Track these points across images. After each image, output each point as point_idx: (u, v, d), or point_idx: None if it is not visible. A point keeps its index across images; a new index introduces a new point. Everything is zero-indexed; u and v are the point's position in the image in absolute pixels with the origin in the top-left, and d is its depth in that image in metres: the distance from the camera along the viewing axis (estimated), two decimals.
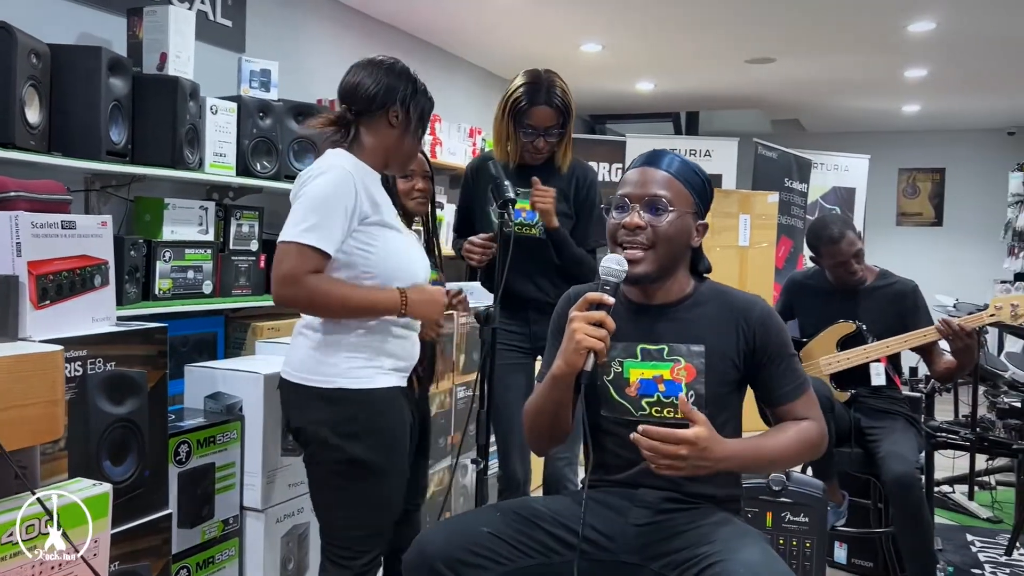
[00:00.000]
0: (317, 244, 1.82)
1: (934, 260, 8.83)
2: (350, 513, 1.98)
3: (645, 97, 7.49)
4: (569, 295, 1.79)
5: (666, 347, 1.64)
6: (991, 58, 5.69)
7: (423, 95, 2.04)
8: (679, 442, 1.46)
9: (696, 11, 4.83)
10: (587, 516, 1.59)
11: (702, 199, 1.67)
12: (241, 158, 3.33)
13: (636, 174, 1.65)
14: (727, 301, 1.67)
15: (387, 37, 5.12)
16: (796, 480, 2.62)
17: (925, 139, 9.08)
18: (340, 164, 1.91)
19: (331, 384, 1.92)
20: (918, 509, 2.71)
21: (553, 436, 1.69)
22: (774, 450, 1.60)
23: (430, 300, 2.02)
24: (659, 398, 1.63)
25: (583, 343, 1.49)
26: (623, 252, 1.60)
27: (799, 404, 1.65)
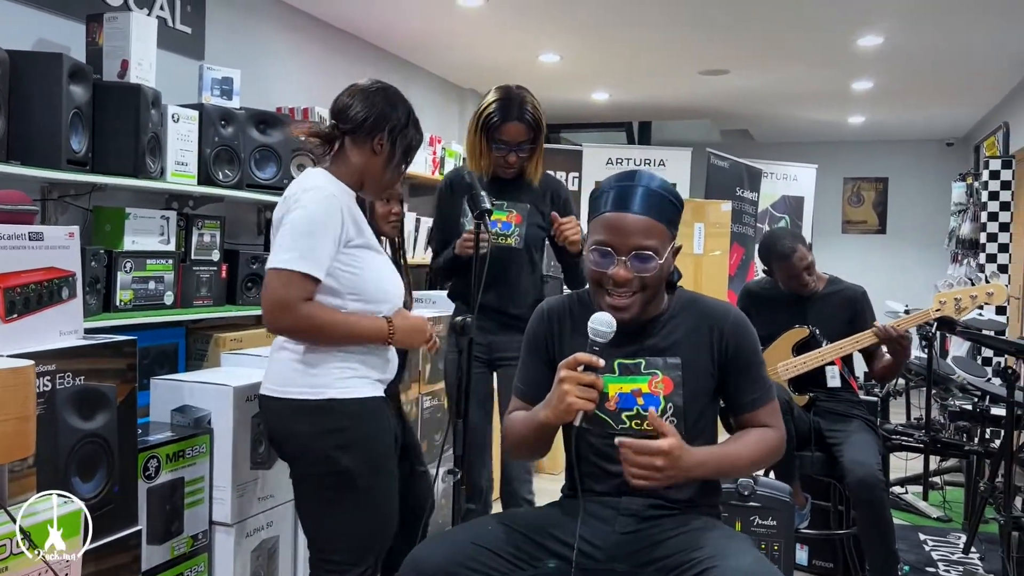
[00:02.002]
0: (309, 271, 1.83)
1: (878, 266, 9.07)
2: (342, 524, 1.98)
3: (600, 107, 7.57)
4: (543, 311, 1.78)
5: (643, 361, 1.67)
6: (932, 72, 5.89)
7: (413, 128, 2.07)
8: (654, 453, 1.48)
9: (652, 24, 4.91)
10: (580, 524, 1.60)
11: (676, 224, 1.66)
12: (203, 167, 3.28)
13: (615, 221, 1.59)
14: (701, 311, 1.70)
15: (347, 45, 5.09)
16: (764, 484, 2.67)
17: (869, 149, 9.35)
18: (325, 187, 1.92)
19: (320, 395, 1.91)
20: (881, 510, 2.78)
21: (535, 455, 1.73)
22: (740, 457, 1.64)
23: (414, 328, 2.05)
24: (638, 411, 1.66)
25: (574, 406, 1.50)
26: (609, 299, 1.60)
27: (763, 412, 1.69)
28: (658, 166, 7.36)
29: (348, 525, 1.97)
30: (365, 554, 2.01)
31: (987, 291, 2.89)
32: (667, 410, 1.65)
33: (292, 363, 1.93)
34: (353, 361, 1.96)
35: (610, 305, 1.60)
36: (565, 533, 1.59)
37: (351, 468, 1.91)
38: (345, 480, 1.93)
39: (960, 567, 3.56)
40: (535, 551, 1.59)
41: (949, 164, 8.71)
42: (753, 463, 1.68)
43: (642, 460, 1.49)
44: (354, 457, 1.91)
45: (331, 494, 1.94)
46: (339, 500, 1.95)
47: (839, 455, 2.94)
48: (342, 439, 1.91)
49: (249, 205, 3.69)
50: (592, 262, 1.61)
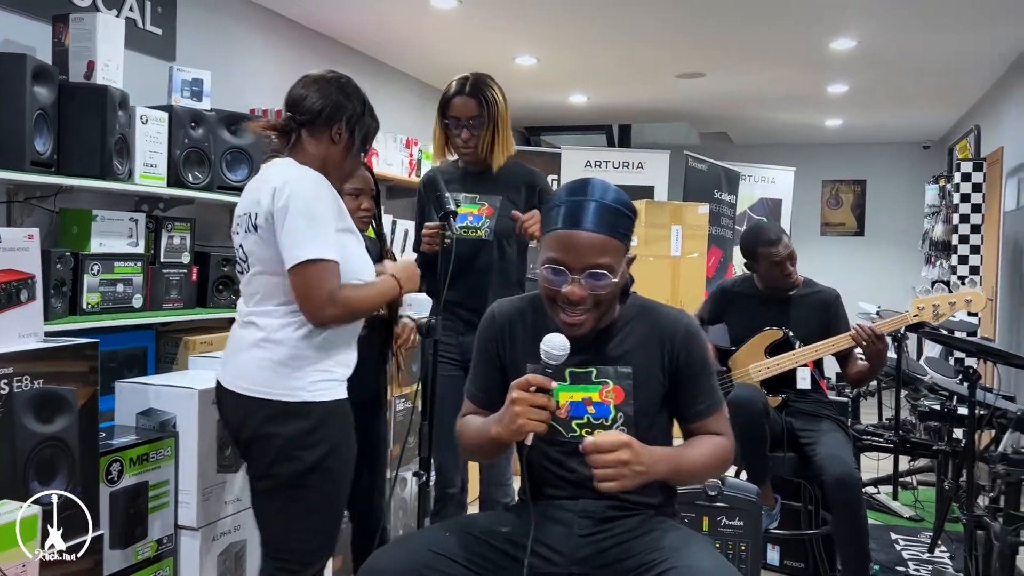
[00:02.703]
0: (333, 256, 1.86)
1: (856, 268, 9.14)
2: (306, 523, 1.97)
3: (579, 109, 7.59)
4: (493, 315, 1.77)
5: (594, 370, 1.66)
6: (907, 75, 5.94)
7: (370, 117, 2.08)
8: (618, 447, 1.48)
9: (628, 27, 4.93)
10: (533, 531, 1.60)
11: (629, 236, 1.63)
12: (172, 169, 3.25)
13: (567, 239, 1.55)
14: (653, 319, 1.69)
15: (321, 47, 5.08)
16: (731, 485, 2.68)
17: (847, 152, 9.42)
18: (315, 176, 1.92)
19: (297, 398, 1.91)
20: (857, 509, 2.80)
21: (490, 461, 1.73)
22: (695, 460, 1.63)
23: (411, 272, 2.15)
24: (589, 420, 1.65)
25: (526, 428, 1.49)
26: (564, 316, 1.58)
27: (712, 421, 1.68)
28: (636, 169, 7.39)
29: (311, 525, 1.97)
30: (324, 553, 2.01)
31: (966, 298, 2.90)
32: (617, 419, 1.64)
33: (271, 363, 1.92)
34: (330, 363, 1.96)
35: (564, 322, 1.58)
36: (519, 535, 1.59)
37: (319, 469, 1.92)
38: (310, 479, 1.92)
39: (930, 566, 3.59)
40: (493, 557, 1.58)
41: (926, 166, 8.79)
42: (708, 470, 1.67)
43: (609, 458, 1.47)
44: (322, 458, 1.92)
45: (297, 492, 1.94)
46: (304, 500, 1.94)
47: (813, 455, 2.95)
48: (310, 440, 1.91)
49: (220, 207, 3.67)
50: (545, 280, 1.59)
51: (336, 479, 1.98)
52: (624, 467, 1.48)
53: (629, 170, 7.40)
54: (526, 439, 1.51)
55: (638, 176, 7.39)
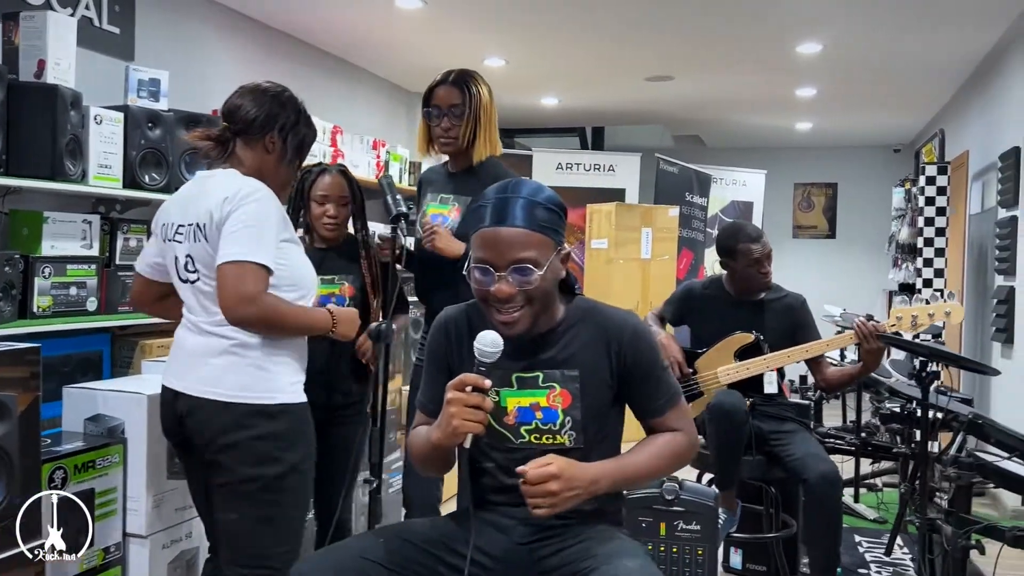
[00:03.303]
0: (268, 263, 1.86)
1: (828, 270, 9.21)
2: (281, 528, 1.97)
3: (551, 111, 7.59)
4: (440, 322, 1.74)
5: (541, 374, 1.64)
6: (875, 79, 5.99)
7: (305, 126, 2.08)
8: (545, 479, 1.47)
9: (596, 30, 4.93)
10: (476, 538, 1.58)
11: (560, 231, 1.62)
12: (128, 170, 3.20)
13: (491, 236, 1.54)
14: (598, 321, 1.67)
15: (286, 47, 5.04)
16: (689, 489, 2.67)
17: (818, 155, 9.49)
18: (260, 186, 1.94)
19: (273, 400, 1.93)
20: (837, 507, 2.82)
21: (440, 473, 1.71)
22: (641, 465, 1.62)
23: (350, 319, 2.13)
24: (537, 425, 1.63)
25: (461, 428, 1.47)
26: (498, 315, 1.57)
27: (670, 416, 1.67)
28: (607, 171, 7.40)
29: (285, 529, 1.98)
30: (292, 558, 1.98)
31: (945, 310, 2.91)
32: (565, 423, 1.62)
33: (246, 367, 1.91)
34: (295, 365, 2.00)
35: (499, 321, 1.57)
36: (458, 543, 1.56)
37: (289, 472, 1.93)
38: (290, 482, 1.93)
39: (891, 568, 3.60)
40: (429, 564, 1.56)
41: (896, 170, 8.87)
42: (659, 470, 1.65)
43: (537, 490, 1.47)
44: (293, 460, 1.93)
45: (269, 497, 1.92)
46: (274, 504, 1.93)
47: (788, 456, 2.94)
48: (286, 442, 1.92)
49: None
50: (474, 280, 1.57)
51: (309, 481, 2.02)
52: (554, 497, 1.48)
53: (600, 172, 7.41)
54: (464, 441, 1.49)
55: (609, 179, 7.40)
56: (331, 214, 2.57)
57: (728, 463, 2.98)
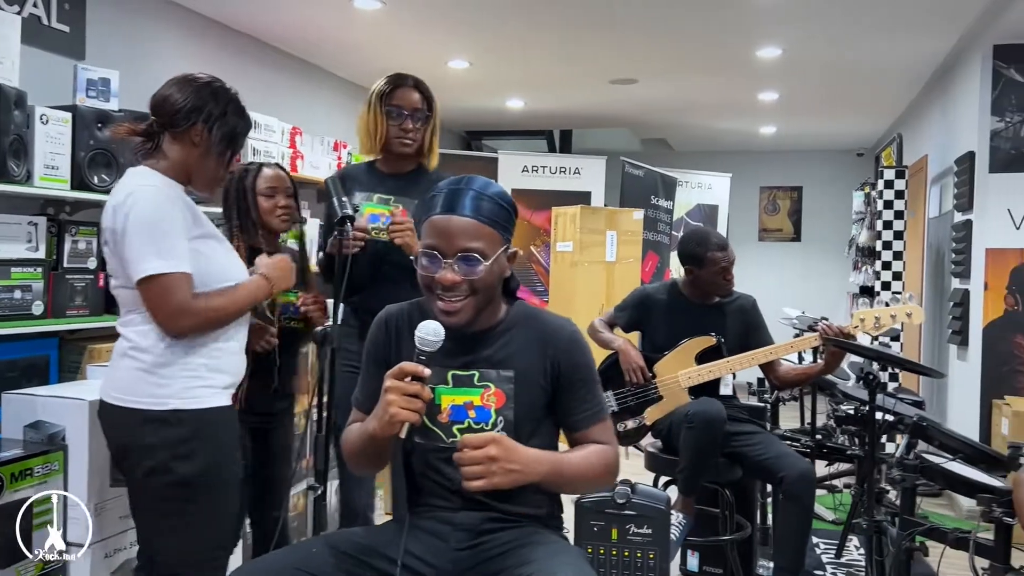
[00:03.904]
0: (180, 268, 1.82)
1: (793, 273, 9.30)
2: (186, 537, 1.91)
3: (517, 114, 7.58)
4: (381, 319, 1.73)
5: (476, 373, 1.63)
6: (835, 84, 6.05)
7: (235, 117, 2.00)
8: (486, 443, 1.45)
9: (559, 33, 4.93)
10: (408, 543, 1.56)
11: (509, 229, 1.63)
12: (77, 171, 3.14)
13: (442, 223, 1.56)
14: (537, 325, 1.67)
15: (245, 47, 4.98)
16: (641, 493, 2.67)
17: (783, 159, 9.57)
18: (151, 183, 1.87)
19: (165, 406, 1.86)
20: (812, 504, 2.84)
21: (374, 469, 1.69)
22: (580, 466, 1.60)
23: (283, 267, 2.10)
24: (469, 424, 1.62)
25: (397, 417, 1.45)
26: (440, 304, 1.57)
27: (596, 430, 1.66)
28: (573, 174, 7.41)
29: (189, 538, 1.91)
30: (206, 567, 1.94)
31: (906, 312, 2.94)
32: (498, 424, 1.61)
33: (137, 372, 1.87)
34: (200, 369, 1.92)
35: (441, 310, 1.56)
36: (393, 551, 1.54)
37: (192, 478, 1.86)
38: (187, 491, 1.87)
39: (846, 569, 3.63)
40: (361, 572, 1.53)
41: (860, 174, 8.97)
42: (595, 476, 1.64)
43: (477, 454, 1.45)
44: (195, 468, 1.86)
45: (173, 505, 1.88)
46: (180, 512, 1.88)
47: (760, 456, 2.95)
48: (184, 450, 1.85)
49: None
50: (421, 266, 1.58)
51: (224, 490, 1.93)
52: (492, 463, 1.45)
53: (566, 175, 7.42)
54: (400, 431, 1.47)
55: (575, 181, 7.41)
56: (283, 204, 2.53)
57: (701, 469, 2.98)
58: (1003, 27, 4.32)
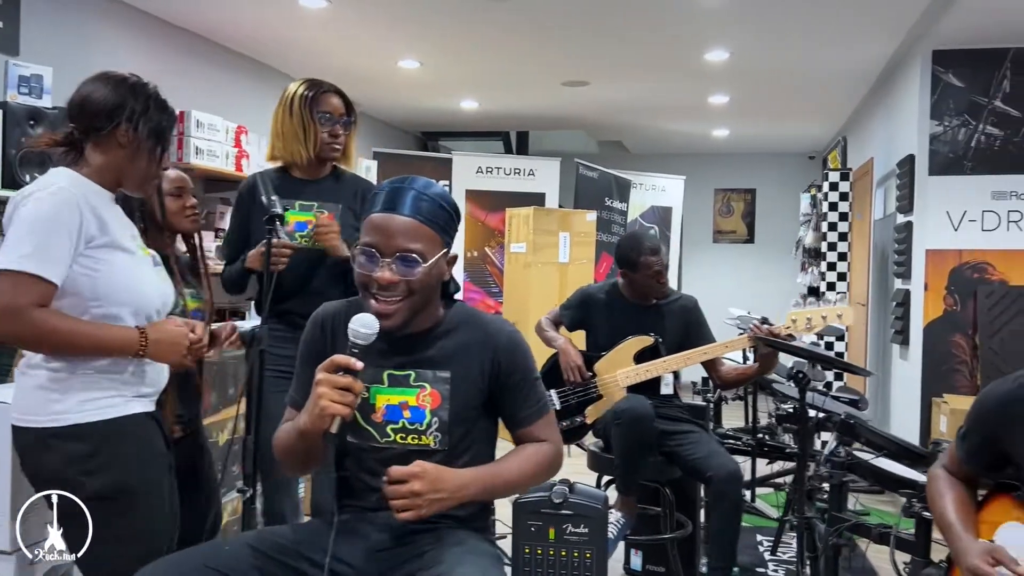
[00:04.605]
0: (38, 272, 1.67)
1: (747, 274, 9.40)
2: (105, 552, 1.83)
3: (472, 115, 7.57)
4: (316, 318, 1.72)
5: (412, 373, 1.62)
6: (783, 88, 6.13)
7: (158, 111, 1.91)
8: (409, 478, 1.45)
9: (510, 33, 4.93)
10: (334, 545, 1.54)
11: (450, 232, 1.63)
12: (8, 169, 3.07)
13: (381, 221, 1.55)
14: (475, 326, 1.67)
15: (188, 44, 4.91)
16: (578, 492, 2.67)
17: (737, 161, 9.68)
18: (59, 183, 1.77)
19: (64, 422, 1.77)
20: (740, 503, 2.87)
21: (306, 468, 1.67)
22: (514, 473, 1.62)
23: (171, 342, 1.87)
24: (404, 424, 1.61)
25: (328, 410, 1.44)
26: (376, 304, 1.55)
27: (538, 427, 1.68)
28: (528, 175, 7.42)
29: (111, 552, 1.84)
30: None
31: (837, 312, 2.98)
32: (432, 424, 1.61)
33: (34, 389, 1.79)
34: (104, 382, 1.82)
35: (376, 311, 1.55)
36: (315, 551, 1.53)
37: (105, 491, 1.79)
38: (102, 504, 1.80)
39: (787, 566, 3.67)
40: (280, 572, 1.51)
41: (811, 176, 9.11)
42: (530, 479, 1.66)
43: (402, 489, 1.46)
44: (107, 480, 1.79)
45: (86, 521, 1.81)
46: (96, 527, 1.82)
47: (690, 455, 2.98)
48: (92, 464, 1.78)
49: None
50: (358, 264, 1.57)
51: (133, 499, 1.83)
52: (417, 497, 1.46)
53: (520, 177, 7.43)
54: (331, 426, 1.45)
55: (529, 183, 7.42)
56: (191, 204, 2.45)
57: (633, 468, 3.00)
58: (941, 33, 4.41)
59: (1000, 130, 4.54)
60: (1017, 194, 4.54)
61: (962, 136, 4.59)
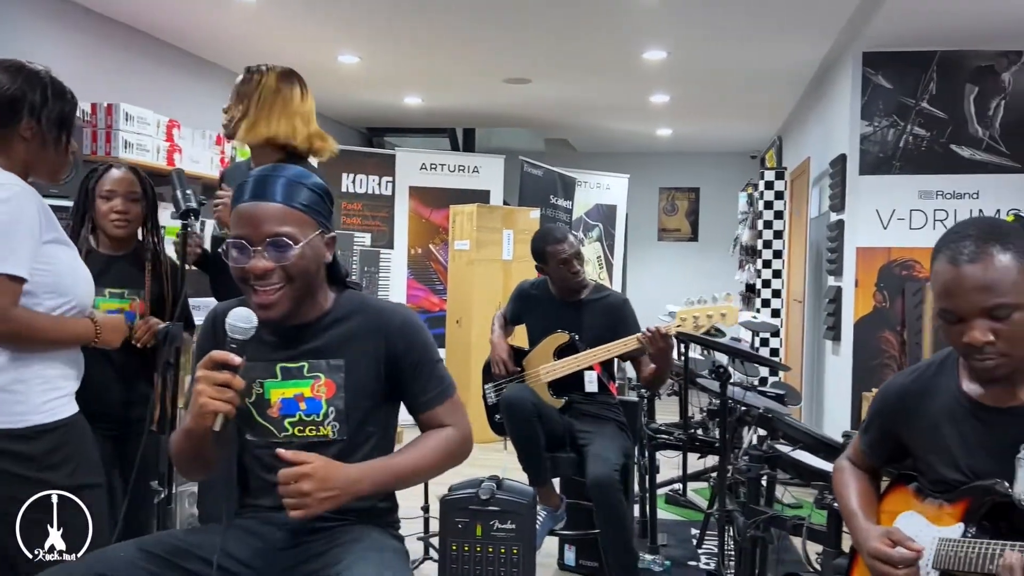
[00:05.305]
0: (15, 271, 1.69)
1: (691, 272, 9.51)
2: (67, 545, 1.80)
3: (416, 111, 7.54)
4: (211, 316, 1.68)
5: (306, 364, 1.59)
6: (723, 88, 6.21)
7: (58, 99, 1.87)
8: (298, 478, 1.43)
9: (450, 30, 4.91)
10: (231, 545, 1.51)
11: (324, 213, 1.59)
12: None
13: (249, 211, 1.51)
14: (370, 312, 1.65)
15: (119, 36, 4.80)
16: (506, 488, 2.68)
17: (681, 160, 9.79)
18: (14, 182, 1.75)
19: (25, 423, 1.75)
20: (616, 508, 2.86)
21: (200, 470, 1.62)
22: (411, 463, 1.59)
23: (115, 326, 2.00)
24: (300, 417, 1.59)
25: (207, 407, 1.41)
26: (256, 297, 1.52)
27: (442, 411, 1.65)
28: (472, 173, 7.41)
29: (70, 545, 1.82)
30: None
31: (721, 311, 3.04)
32: (329, 414, 1.59)
33: None
34: (56, 380, 1.82)
35: (258, 304, 1.52)
36: (208, 552, 1.49)
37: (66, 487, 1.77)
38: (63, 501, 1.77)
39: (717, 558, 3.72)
40: (172, 574, 1.47)
41: (753, 175, 9.26)
42: (432, 467, 1.63)
43: (290, 489, 1.43)
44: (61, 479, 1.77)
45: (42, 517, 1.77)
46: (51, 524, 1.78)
47: (584, 455, 3.01)
48: (53, 460, 1.76)
49: None
50: (231, 259, 1.53)
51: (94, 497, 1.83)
52: (306, 497, 1.43)
53: (465, 174, 7.41)
54: (214, 423, 1.42)
55: (474, 180, 7.41)
56: (119, 209, 2.41)
57: (530, 458, 3.03)
58: (871, 35, 4.51)
59: (927, 131, 4.66)
60: (943, 194, 4.67)
61: (891, 136, 4.70)
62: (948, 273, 1.43)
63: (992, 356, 1.42)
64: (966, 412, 1.53)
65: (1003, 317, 1.40)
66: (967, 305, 1.41)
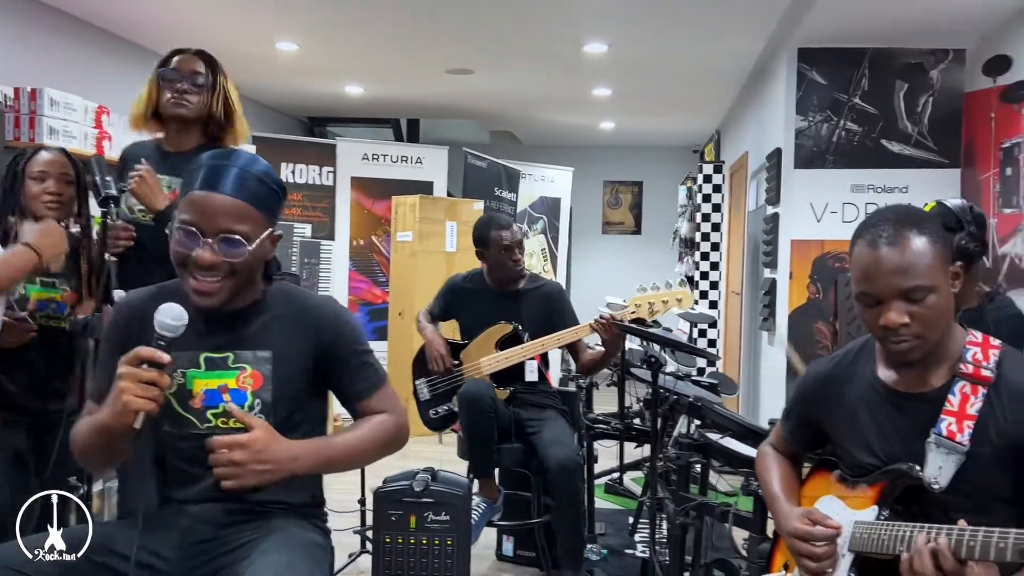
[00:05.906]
0: None
1: (634, 265, 9.59)
2: None
3: (358, 101, 7.45)
4: (120, 305, 1.65)
5: (231, 355, 1.57)
6: (662, 81, 6.27)
7: None
8: (231, 447, 1.41)
9: (391, 18, 4.86)
10: (147, 539, 1.47)
11: (275, 212, 1.58)
12: None
13: (203, 200, 1.48)
14: (297, 304, 1.63)
15: (51, 20, 4.64)
16: (441, 480, 2.67)
17: (625, 154, 9.87)
18: None
19: None
20: (578, 493, 2.89)
21: (108, 465, 1.59)
22: (349, 446, 1.58)
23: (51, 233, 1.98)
24: (224, 409, 1.56)
25: (131, 405, 1.37)
26: (194, 283, 1.49)
27: (375, 400, 1.64)
28: (415, 164, 7.36)
29: None
30: None
31: (676, 296, 3.06)
32: (255, 406, 1.56)
33: None
34: None
35: (195, 289, 1.49)
36: (124, 546, 1.45)
37: None
38: None
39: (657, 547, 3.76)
40: (87, 569, 1.44)
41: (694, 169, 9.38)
42: (369, 451, 1.62)
43: (222, 458, 1.42)
44: None
45: None
46: None
47: (538, 442, 3.02)
48: None
49: None
50: (176, 241, 1.49)
51: None
52: (238, 468, 1.41)
53: (408, 165, 7.36)
54: (135, 421, 1.38)
55: (417, 171, 7.36)
56: (52, 190, 2.36)
57: (481, 452, 3.02)
58: (805, 31, 4.59)
59: (859, 126, 4.76)
60: (874, 187, 4.78)
61: (824, 131, 4.79)
62: (867, 256, 1.46)
63: (907, 338, 1.45)
64: (881, 398, 1.57)
65: (918, 299, 1.43)
66: (884, 287, 1.44)
